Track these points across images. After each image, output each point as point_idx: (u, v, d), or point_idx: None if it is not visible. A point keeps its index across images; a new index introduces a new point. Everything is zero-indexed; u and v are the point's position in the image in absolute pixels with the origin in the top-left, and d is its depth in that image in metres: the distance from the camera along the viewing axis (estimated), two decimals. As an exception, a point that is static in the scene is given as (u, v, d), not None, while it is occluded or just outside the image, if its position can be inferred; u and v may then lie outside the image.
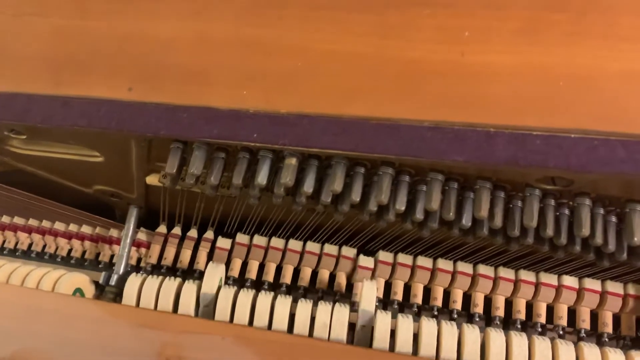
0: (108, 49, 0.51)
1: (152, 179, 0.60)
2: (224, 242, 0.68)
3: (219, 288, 0.53)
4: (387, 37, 0.45)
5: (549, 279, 0.59)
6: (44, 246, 0.76)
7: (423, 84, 0.43)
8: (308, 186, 0.47)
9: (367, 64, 0.45)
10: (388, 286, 0.63)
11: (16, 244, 0.77)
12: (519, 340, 0.49)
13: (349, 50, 0.46)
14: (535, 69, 0.42)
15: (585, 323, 0.58)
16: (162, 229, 0.71)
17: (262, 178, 0.47)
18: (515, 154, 0.39)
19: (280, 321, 0.50)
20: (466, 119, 0.41)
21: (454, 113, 0.41)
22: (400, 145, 0.41)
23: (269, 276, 0.65)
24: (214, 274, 0.54)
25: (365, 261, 0.63)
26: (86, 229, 0.75)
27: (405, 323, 0.49)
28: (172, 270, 0.69)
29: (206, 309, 0.53)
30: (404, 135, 0.42)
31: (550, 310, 0.59)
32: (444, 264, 0.62)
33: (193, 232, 0.70)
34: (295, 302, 0.51)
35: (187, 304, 0.52)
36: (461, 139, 0.40)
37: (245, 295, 0.52)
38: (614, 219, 0.45)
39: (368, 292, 0.52)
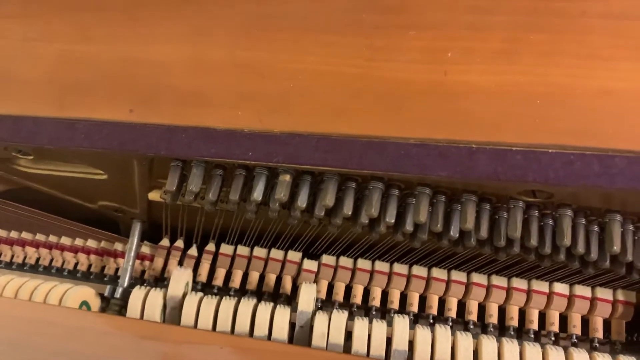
0: (110, 72, 0.53)
1: (154, 195, 0.63)
2: (226, 249, 0.70)
3: (220, 300, 0.55)
4: (374, 58, 0.47)
5: (541, 286, 0.60)
6: (51, 260, 0.78)
7: (408, 103, 0.45)
8: (302, 201, 0.49)
9: (356, 85, 0.47)
10: (385, 295, 0.65)
11: (24, 258, 0.79)
12: (510, 346, 0.50)
13: (338, 71, 0.48)
14: (514, 87, 0.44)
15: (576, 329, 0.59)
16: (165, 242, 0.73)
17: (257, 194, 0.50)
18: (496, 169, 0.41)
19: (279, 331, 0.52)
20: (449, 136, 0.43)
21: (437, 130, 0.43)
22: (387, 162, 0.43)
23: (269, 287, 0.68)
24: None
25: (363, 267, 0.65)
26: (92, 243, 0.77)
27: (401, 331, 0.51)
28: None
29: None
30: (390, 152, 0.44)
31: (543, 316, 0.61)
32: (438, 272, 0.63)
33: (193, 251, 0.72)
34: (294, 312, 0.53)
35: (189, 315, 0.54)
36: (445, 156, 0.42)
37: (245, 306, 0.54)
38: (596, 228, 0.47)
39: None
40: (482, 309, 0.62)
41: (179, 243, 0.73)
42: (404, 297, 0.64)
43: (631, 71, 0.42)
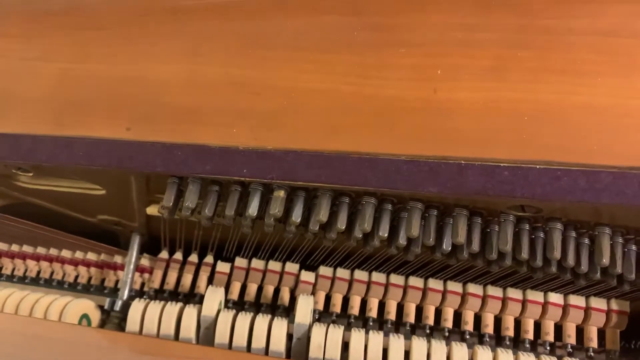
0: (107, 90, 0.54)
1: (152, 210, 0.63)
2: (223, 266, 0.71)
3: (219, 311, 0.55)
4: (366, 76, 0.48)
5: (536, 296, 0.61)
6: (52, 273, 0.79)
7: (399, 120, 0.46)
8: (296, 216, 0.50)
9: (348, 102, 0.48)
10: (382, 305, 0.65)
11: (25, 271, 0.80)
12: (505, 356, 0.51)
13: (331, 88, 0.49)
14: (502, 104, 0.44)
15: (571, 338, 0.60)
16: (164, 254, 0.74)
17: (252, 209, 0.50)
18: (484, 185, 0.42)
19: (277, 343, 0.52)
20: (439, 153, 0.44)
21: (427, 147, 0.44)
22: (378, 178, 0.44)
23: (268, 299, 0.68)
24: (214, 297, 0.57)
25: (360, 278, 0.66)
26: (92, 256, 0.77)
27: (397, 343, 0.51)
28: (174, 294, 0.72)
29: (207, 331, 0.55)
30: (382, 169, 0.44)
31: (538, 326, 0.61)
32: (434, 283, 0.64)
33: (194, 257, 0.73)
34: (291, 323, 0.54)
35: (188, 328, 0.55)
36: (435, 172, 0.43)
37: (244, 318, 0.54)
38: (586, 241, 0.47)
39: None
40: (478, 319, 0.63)
41: (178, 255, 0.73)
42: (400, 308, 0.65)
43: (617, 87, 0.43)
